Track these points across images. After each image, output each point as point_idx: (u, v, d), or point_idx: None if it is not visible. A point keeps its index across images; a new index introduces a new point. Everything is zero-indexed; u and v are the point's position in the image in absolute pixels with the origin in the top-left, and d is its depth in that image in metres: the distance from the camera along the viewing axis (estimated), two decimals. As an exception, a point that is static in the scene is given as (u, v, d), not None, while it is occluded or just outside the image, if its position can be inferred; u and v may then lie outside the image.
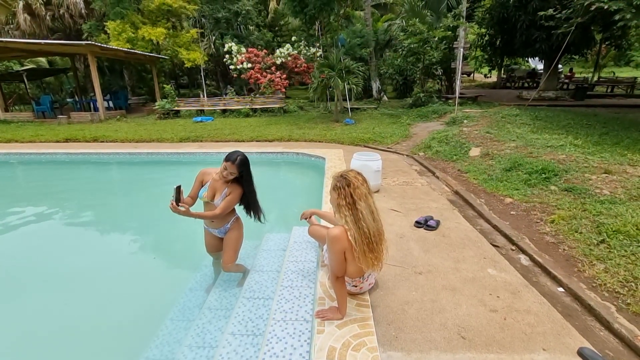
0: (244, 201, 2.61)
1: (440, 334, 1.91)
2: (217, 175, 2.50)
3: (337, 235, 1.85)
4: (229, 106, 13.31)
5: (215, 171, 2.56)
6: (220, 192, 2.52)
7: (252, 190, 2.58)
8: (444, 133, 7.53)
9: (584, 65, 26.60)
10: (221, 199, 2.50)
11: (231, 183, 2.51)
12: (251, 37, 18.16)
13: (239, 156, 2.40)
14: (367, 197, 1.89)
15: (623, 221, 3.02)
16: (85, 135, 9.23)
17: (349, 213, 1.85)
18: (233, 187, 2.51)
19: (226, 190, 2.51)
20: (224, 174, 2.41)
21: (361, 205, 1.85)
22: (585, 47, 12.93)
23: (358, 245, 1.84)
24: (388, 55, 17.12)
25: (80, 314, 2.79)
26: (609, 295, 2.30)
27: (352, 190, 1.86)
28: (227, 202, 2.48)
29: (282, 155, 6.90)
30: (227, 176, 2.42)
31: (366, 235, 1.85)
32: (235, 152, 2.42)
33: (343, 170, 2.01)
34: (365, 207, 1.86)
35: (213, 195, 2.53)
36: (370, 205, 1.89)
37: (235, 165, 2.37)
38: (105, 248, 4.01)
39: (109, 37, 14.58)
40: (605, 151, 5.13)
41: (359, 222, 1.84)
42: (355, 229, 1.84)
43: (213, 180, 2.54)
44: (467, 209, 3.97)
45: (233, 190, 2.51)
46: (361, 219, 1.84)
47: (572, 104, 11.66)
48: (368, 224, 1.85)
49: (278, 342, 1.96)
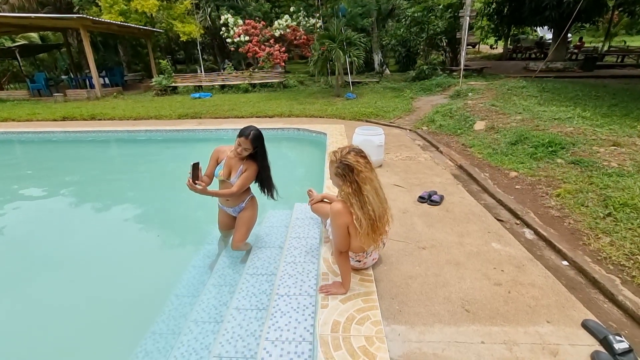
0: (258, 178, 2.57)
1: (444, 307, 1.91)
2: (232, 153, 2.45)
3: (340, 209, 1.81)
4: (227, 82, 13.00)
5: (229, 148, 2.51)
6: (236, 169, 2.47)
7: (266, 165, 2.53)
8: (448, 106, 7.35)
9: (594, 34, 25.65)
10: (237, 177, 2.46)
11: (246, 160, 2.46)
12: (248, 8, 17.45)
13: (252, 131, 2.33)
14: (371, 179, 1.83)
15: (631, 194, 2.97)
16: (82, 114, 9.08)
17: (355, 200, 1.79)
18: (248, 163, 2.46)
19: (242, 167, 2.46)
20: (238, 150, 2.36)
21: (367, 189, 1.79)
22: (597, 15, 12.38)
23: (362, 228, 1.80)
24: (391, 25, 16.49)
25: (87, 292, 2.82)
26: (614, 268, 2.29)
27: (356, 175, 1.79)
28: (244, 179, 2.44)
29: (282, 131, 6.78)
30: (242, 152, 2.36)
31: (372, 218, 1.81)
32: (249, 127, 2.36)
33: (339, 149, 1.91)
34: (371, 189, 1.80)
35: (229, 173, 2.49)
36: (375, 186, 1.83)
37: (249, 141, 2.31)
38: (109, 226, 4.01)
39: (101, 10, 14.04)
40: (614, 123, 5.01)
41: (365, 206, 1.79)
42: (362, 213, 1.79)
43: (228, 157, 2.49)
44: (471, 184, 3.91)
45: (249, 167, 2.46)
46: (367, 202, 1.79)
47: (581, 75, 11.32)
48: (374, 206, 1.81)
49: (282, 316, 1.98)
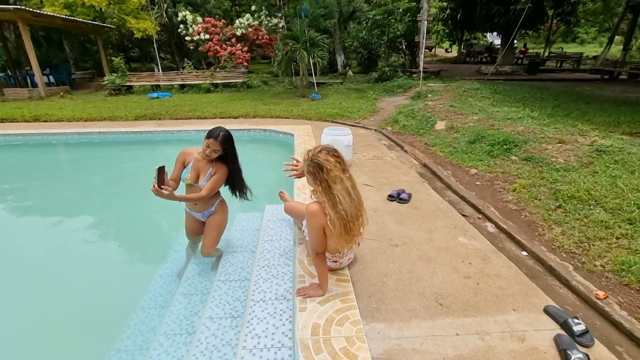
0: (229, 180, 2.47)
1: (419, 303, 1.97)
2: (200, 155, 2.33)
3: (315, 210, 1.80)
4: (187, 81, 12.49)
5: (197, 150, 2.39)
6: (205, 172, 2.36)
7: (238, 167, 2.44)
8: (410, 107, 7.62)
9: (535, 41, 27.93)
10: (206, 180, 2.35)
11: (215, 162, 2.36)
12: (207, 5, 16.90)
13: (222, 132, 2.24)
14: (342, 179, 1.81)
15: (576, 187, 3.25)
16: (24, 115, 8.25)
17: (326, 199, 1.78)
18: (218, 166, 2.36)
19: (211, 170, 2.35)
20: (206, 152, 2.25)
21: (337, 188, 1.78)
22: (539, 23, 13.51)
23: (335, 228, 1.80)
24: (352, 27, 16.79)
25: (40, 310, 2.56)
26: (567, 256, 2.49)
27: (326, 174, 1.78)
28: (214, 183, 2.33)
29: (248, 132, 6.64)
30: (211, 154, 2.26)
31: (343, 218, 1.80)
32: (218, 128, 2.26)
33: (313, 148, 1.91)
34: (341, 189, 1.79)
35: (197, 177, 2.37)
36: (346, 186, 1.82)
37: (218, 142, 2.21)
38: (63, 238, 3.66)
39: (42, 2, 12.87)
40: (558, 122, 5.47)
41: (336, 206, 1.78)
42: (333, 213, 1.78)
43: (195, 160, 2.36)
44: (435, 181, 4.08)
45: (218, 170, 2.35)
46: (338, 202, 1.78)
47: (526, 78, 12.28)
48: (345, 207, 1.79)
49: (259, 322, 1.92)
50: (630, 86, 10.39)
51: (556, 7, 12.75)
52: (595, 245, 2.53)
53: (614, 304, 2.01)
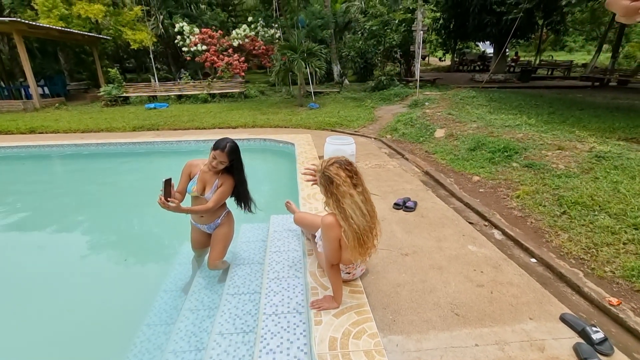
0: (234, 192, 2.45)
1: (435, 313, 1.94)
2: (206, 167, 2.31)
3: (331, 222, 1.78)
4: (184, 91, 12.49)
5: (203, 162, 2.36)
6: (211, 184, 2.33)
7: (243, 179, 2.42)
8: (408, 115, 7.68)
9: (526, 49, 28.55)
10: (212, 192, 2.32)
11: (222, 174, 2.33)
12: (204, 16, 17.04)
13: (229, 143, 2.21)
14: (351, 194, 1.77)
15: (580, 193, 3.28)
16: (19, 127, 8.16)
17: (338, 211, 1.77)
18: (224, 177, 2.34)
19: (217, 181, 2.33)
20: (213, 163, 2.23)
21: (346, 203, 1.76)
22: (530, 32, 13.82)
23: (349, 240, 1.78)
24: (348, 37, 17.02)
25: (41, 329, 2.48)
26: (576, 262, 2.49)
27: (335, 188, 1.77)
28: (220, 194, 2.31)
29: (248, 142, 6.63)
30: (217, 166, 2.24)
31: (356, 232, 1.78)
32: (224, 139, 2.24)
33: (328, 159, 1.90)
34: (351, 204, 1.76)
35: (203, 189, 2.34)
36: (356, 201, 1.78)
37: (225, 154, 2.19)
38: (63, 253, 3.58)
39: (37, 14, 12.86)
40: (555, 129, 5.54)
41: (348, 219, 1.77)
42: (346, 225, 1.77)
43: (202, 172, 2.34)
44: (439, 189, 4.09)
45: (225, 181, 2.33)
46: (349, 216, 1.76)
47: (520, 86, 12.48)
48: (356, 221, 1.76)
49: (273, 337, 1.88)
50: (621, 93, 10.61)
51: (546, 17, 13.07)
52: (603, 251, 2.54)
53: (628, 310, 2.01)
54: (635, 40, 22.82)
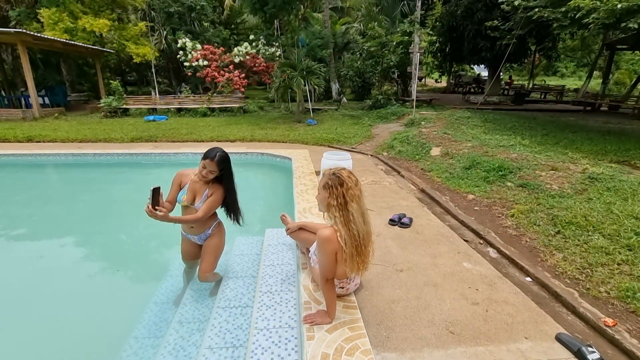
0: (224, 202, 2.43)
1: (429, 331, 1.91)
2: (196, 176, 2.30)
3: (329, 236, 1.78)
4: (184, 105, 12.62)
5: (193, 172, 2.35)
6: (201, 194, 2.32)
7: (233, 189, 2.40)
8: (404, 134, 7.78)
9: (519, 73, 29.37)
10: (202, 202, 2.30)
11: (212, 183, 2.32)
12: (206, 33, 17.42)
13: (219, 152, 2.21)
14: (359, 198, 1.82)
15: (573, 213, 3.30)
16: (17, 135, 8.15)
17: (339, 214, 1.77)
18: (214, 187, 2.32)
19: (207, 191, 2.31)
20: (203, 173, 2.22)
21: (353, 207, 1.78)
22: (523, 56, 14.26)
23: (347, 248, 1.77)
24: (347, 57, 17.43)
25: (26, 340, 2.40)
26: (571, 282, 2.49)
27: (345, 190, 1.78)
28: (210, 204, 2.29)
29: (245, 156, 6.65)
30: (207, 175, 2.23)
31: (355, 238, 1.78)
32: (214, 149, 2.23)
33: (335, 168, 1.92)
34: (357, 209, 1.79)
35: (193, 198, 2.33)
36: (361, 207, 1.83)
37: (215, 163, 2.18)
38: (51, 261, 3.50)
39: (43, 27, 13.09)
40: (549, 150, 5.64)
41: (349, 224, 1.77)
42: (345, 230, 1.77)
43: (192, 181, 2.33)
44: (434, 206, 4.10)
45: (215, 191, 2.31)
46: (351, 221, 1.77)
47: (514, 108, 12.75)
48: (358, 227, 1.78)
49: (263, 352, 1.84)
50: (611, 117, 10.86)
51: (538, 43, 13.54)
52: (597, 271, 2.54)
53: (624, 331, 1.99)
54: (624, 68, 23.61)
